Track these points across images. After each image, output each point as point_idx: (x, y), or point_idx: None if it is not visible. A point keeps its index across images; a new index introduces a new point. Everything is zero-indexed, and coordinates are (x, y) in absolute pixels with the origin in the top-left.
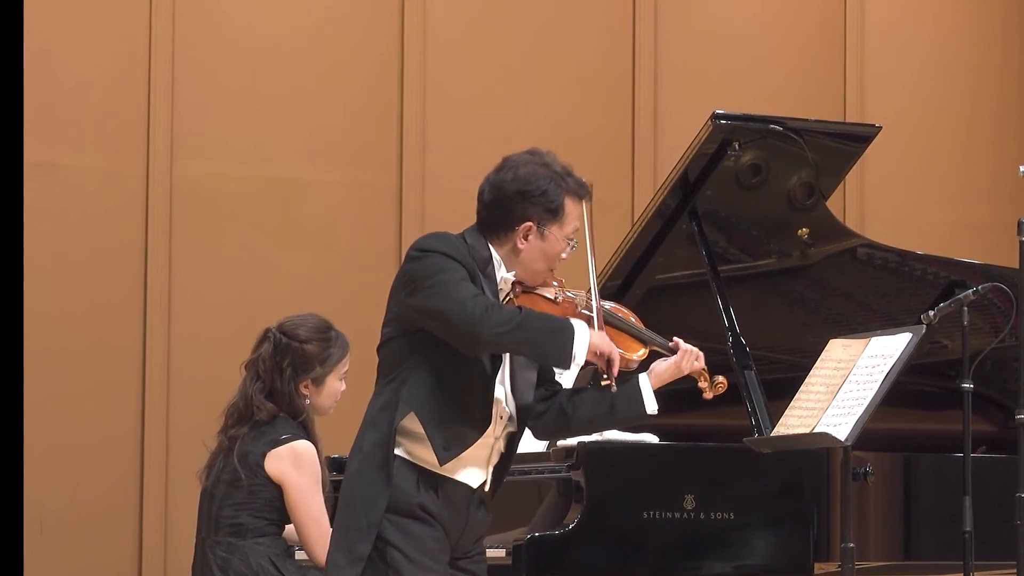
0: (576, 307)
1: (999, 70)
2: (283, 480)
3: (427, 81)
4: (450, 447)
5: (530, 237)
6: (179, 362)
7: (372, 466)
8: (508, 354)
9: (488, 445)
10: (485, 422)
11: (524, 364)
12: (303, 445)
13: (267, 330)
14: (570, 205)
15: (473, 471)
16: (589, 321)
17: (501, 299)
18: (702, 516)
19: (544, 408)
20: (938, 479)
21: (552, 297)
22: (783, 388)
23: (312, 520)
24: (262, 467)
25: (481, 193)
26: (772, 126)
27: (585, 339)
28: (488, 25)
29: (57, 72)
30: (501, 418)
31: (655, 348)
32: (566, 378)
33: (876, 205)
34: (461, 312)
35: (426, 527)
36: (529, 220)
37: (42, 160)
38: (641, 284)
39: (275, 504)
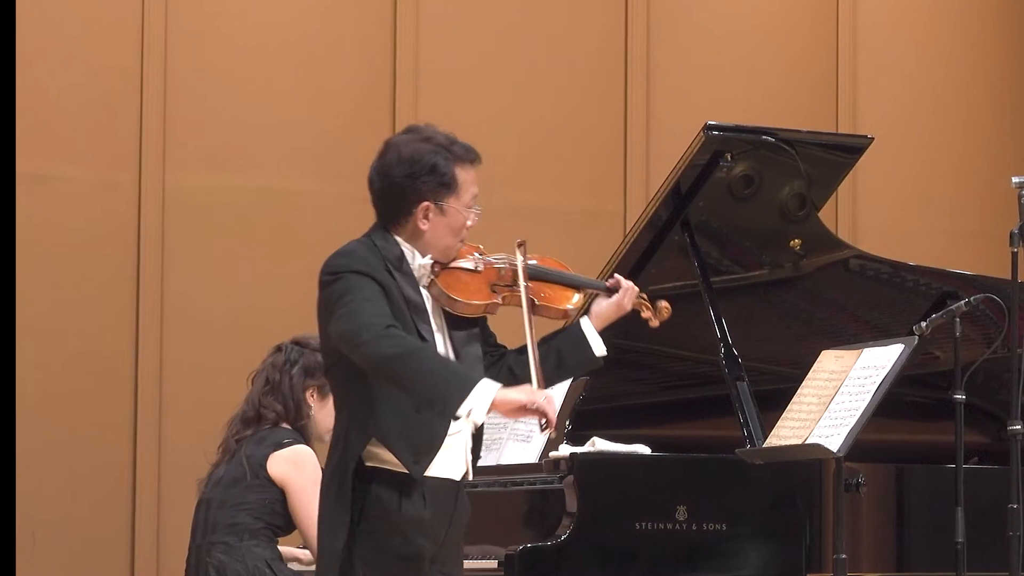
0: (499, 272)
1: (991, 81)
2: (286, 482)
3: (420, 92)
4: (420, 459)
5: (430, 215)
6: (171, 373)
7: (330, 494)
8: (446, 336)
9: (460, 437)
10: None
11: (465, 340)
12: (305, 449)
13: (279, 343)
14: (462, 174)
15: (452, 464)
16: (507, 298)
17: (422, 286)
18: (695, 527)
19: (494, 374)
20: (930, 490)
21: (472, 267)
22: (775, 399)
23: (315, 520)
24: (264, 468)
25: (371, 183)
26: (764, 137)
27: (488, 396)
28: (481, 37)
29: (49, 83)
30: None
31: (592, 291)
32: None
33: (868, 216)
34: (356, 335)
35: (405, 547)
36: (424, 200)
37: (35, 171)
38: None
39: (275, 508)
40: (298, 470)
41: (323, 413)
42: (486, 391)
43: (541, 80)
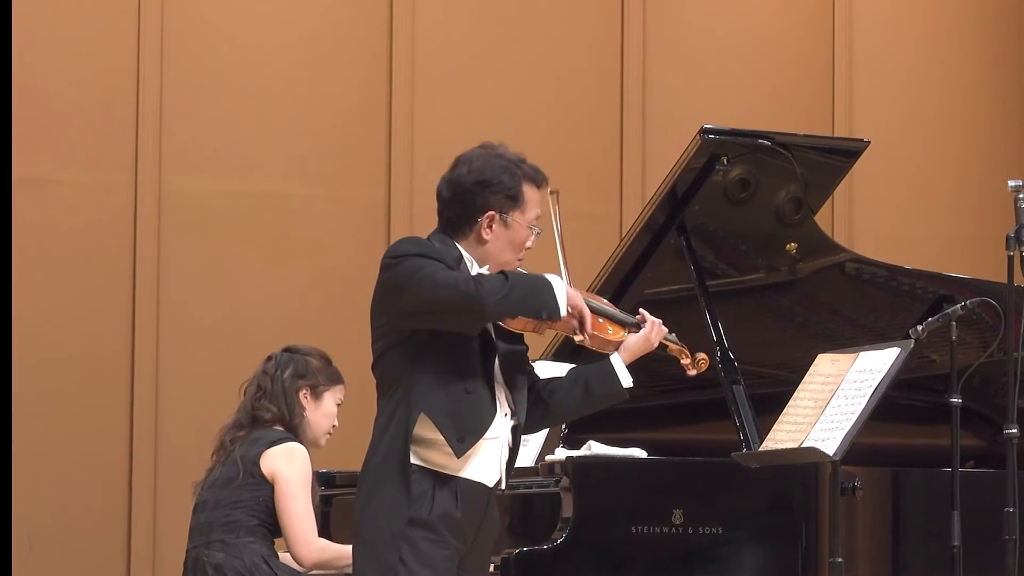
0: None
1: (987, 84)
2: (274, 475)
3: (415, 96)
4: (464, 438)
5: (494, 226)
6: (167, 376)
7: (389, 477)
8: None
9: (498, 443)
10: (492, 410)
11: (510, 356)
12: (298, 446)
13: (270, 354)
14: (529, 191)
15: (488, 470)
16: (555, 323)
17: None
18: (691, 531)
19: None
20: (926, 494)
21: None
22: (771, 403)
23: (296, 515)
24: (257, 466)
25: (439, 193)
26: (760, 141)
27: (563, 290)
28: (477, 41)
29: (46, 87)
30: (505, 416)
31: (630, 328)
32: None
33: (864, 220)
34: (457, 293)
35: (437, 545)
36: (491, 209)
37: (31, 175)
38: (629, 299)
39: (268, 505)
40: (289, 464)
41: (317, 414)
42: (560, 286)
43: (537, 83)
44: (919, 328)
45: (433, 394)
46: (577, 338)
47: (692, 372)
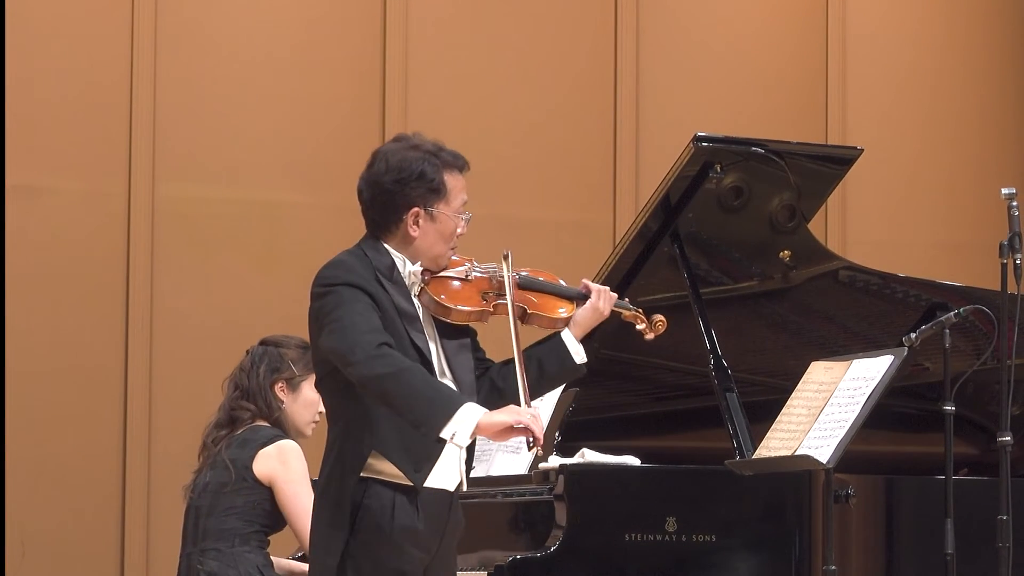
0: (489, 281)
1: (980, 92)
2: (272, 477)
3: (409, 104)
4: (420, 467)
5: (420, 222)
6: (160, 383)
7: (324, 507)
8: (439, 345)
9: (455, 447)
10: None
11: (456, 349)
12: (289, 443)
13: (248, 348)
14: (451, 179)
15: (447, 475)
16: (498, 307)
17: (413, 294)
18: (684, 539)
19: (478, 387)
20: (920, 501)
21: (463, 276)
22: (765, 410)
23: (303, 510)
24: (250, 470)
25: (360, 193)
26: (754, 148)
27: (472, 420)
28: (470, 49)
29: (39, 95)
30: None
31: (578, 301)
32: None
33: (858, 227)
34: (348, 354)
35: (398, 561)
36: (414, 206)
37: (24, 183)
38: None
39: (264, 508)
40: (284, 464)
41: (296, 406)
42: (470, 415)
43: (530, 91)
44: (913, 336)
45: (378, 428)
46: (531, 448)
47: (650, 336)
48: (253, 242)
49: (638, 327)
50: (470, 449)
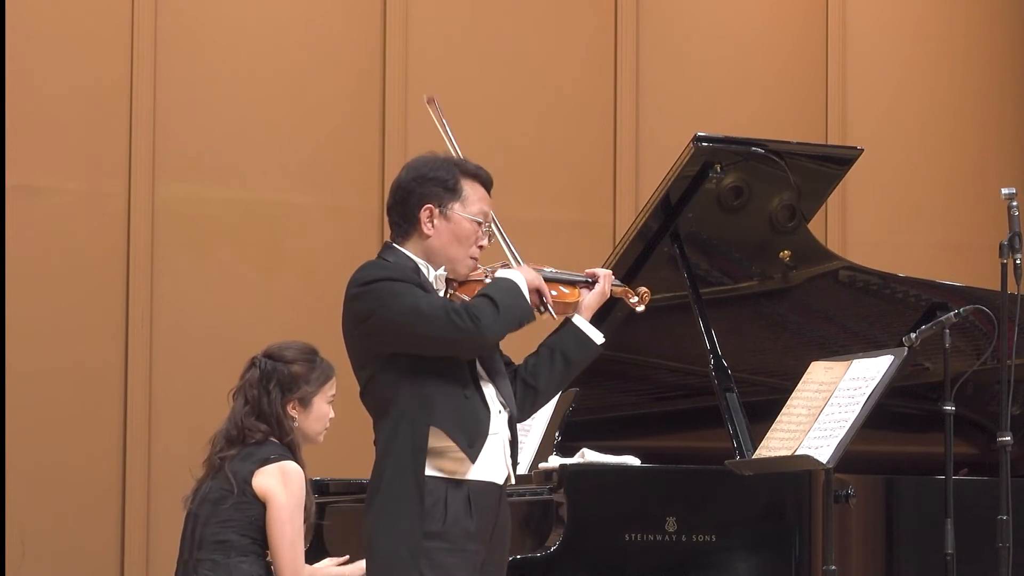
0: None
1: (980, 92)
2: (268, 496)
3: (408, 105)
4: (474, 442)
5: (434, 220)
6: (161, 384)
7: (400, 496)
8: None
9: (499, 439)
10: (487, 410)
11: (489, 355)
12: (292, 466)
13: (253, 358)
14: (468, 185)
15: (495, 468)
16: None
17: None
18: (684, 539)
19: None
20: (920, 501)
21: (482, 278)
22: (765, 410)
23: (288, 542)
24: (250, 484)
25: (387, 202)
26: (754, 148)
27: (524, 284)
28: (470, 49)
29: (39, 95)
30: (499, 412)
31: (582, 286)
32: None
33: (858, 227)
34: (453, 331)
35: (454, 555)
36: (427, 203)
37: (24, 182)
38: (623, 306)
39: (259, 524)
40: (282, 486)
41: (308, 420)
42: (521, 282)
43: (530, 91)
44: (913, 336)
45: (436, 407)
46: (542, 313)
47: (640, 308)
48: (253, 242)
49: (629, 302)
50: (512, 444)
